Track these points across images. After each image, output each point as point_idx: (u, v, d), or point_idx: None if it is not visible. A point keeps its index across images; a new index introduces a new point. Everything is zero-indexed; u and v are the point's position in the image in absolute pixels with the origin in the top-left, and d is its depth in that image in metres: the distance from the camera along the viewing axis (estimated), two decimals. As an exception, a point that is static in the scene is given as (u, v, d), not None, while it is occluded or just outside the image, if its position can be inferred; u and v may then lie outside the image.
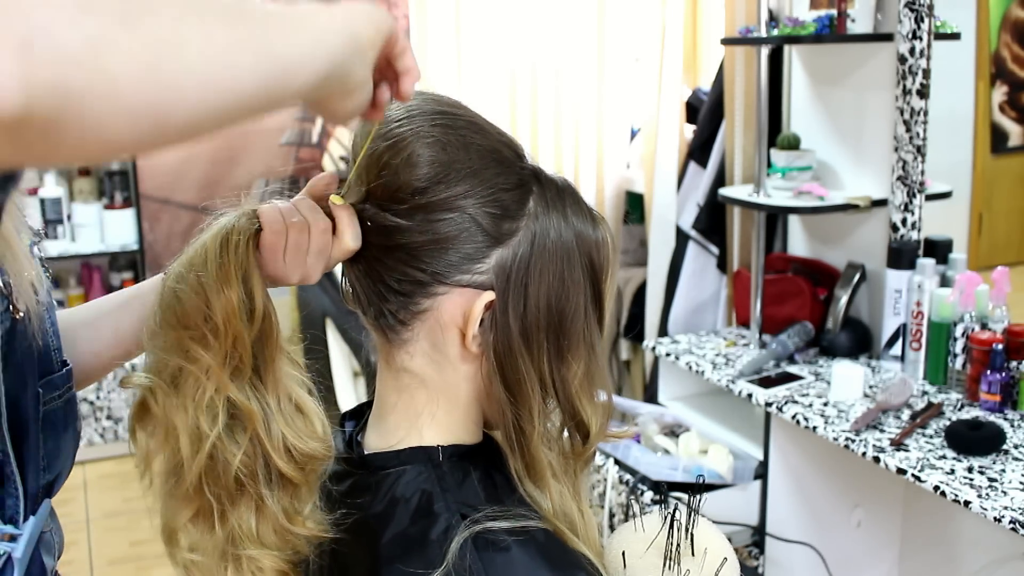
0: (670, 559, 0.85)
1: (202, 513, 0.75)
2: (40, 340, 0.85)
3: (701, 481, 2.06)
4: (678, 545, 0.86)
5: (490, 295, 0.78)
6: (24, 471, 0.84)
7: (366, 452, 0.85)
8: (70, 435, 0.91)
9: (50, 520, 0.92)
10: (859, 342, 2.32)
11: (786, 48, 2.52)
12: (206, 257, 0.74)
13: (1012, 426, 1.86)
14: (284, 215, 0.79)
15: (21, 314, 0.81)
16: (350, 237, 0.79)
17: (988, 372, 1.92)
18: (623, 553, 0.87)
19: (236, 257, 0.74)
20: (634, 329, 3.16)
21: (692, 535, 0.87)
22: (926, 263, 2.13)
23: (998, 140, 2.35)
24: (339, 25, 0.63)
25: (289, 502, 0.77)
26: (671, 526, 0.86)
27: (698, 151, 2.84)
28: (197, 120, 0.51)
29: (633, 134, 3.26)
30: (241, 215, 0.77)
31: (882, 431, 1.88)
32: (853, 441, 1.85)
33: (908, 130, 2.16)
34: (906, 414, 1.95)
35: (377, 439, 0.85)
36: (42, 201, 3.50)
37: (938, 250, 2.19)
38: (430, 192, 0.77)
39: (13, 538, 0.84)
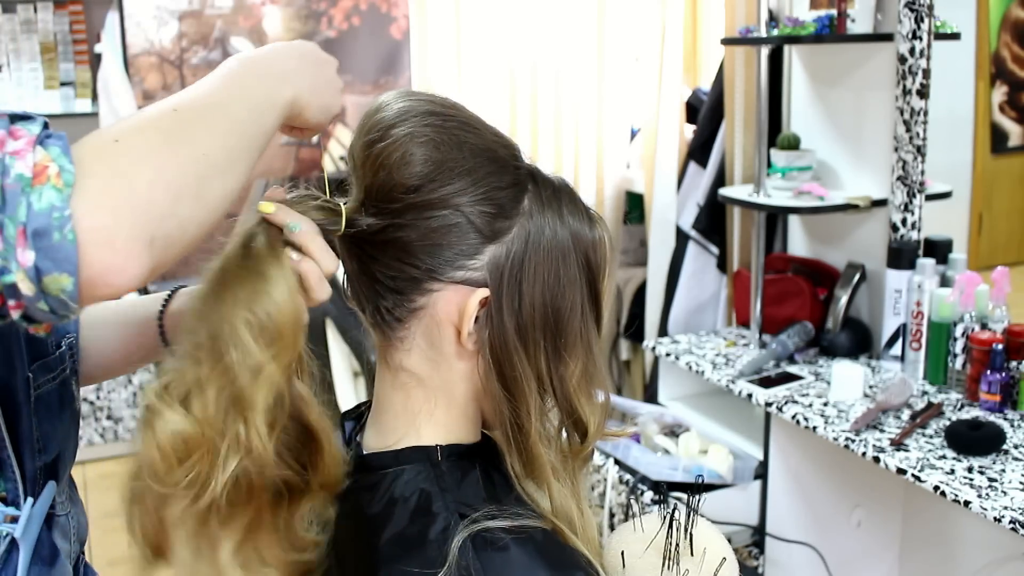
0: (669, 559, 0.86)
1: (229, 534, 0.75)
2: None
3: (700, 481, 2.06)
4: (677, 545, 0.86)
5: (484, 292, 0.79)
6: (20, 454, 0.85)
7: (364, 452, 0.85)
8: (67, 416, 0.92)
9: (68, 504, 0.93)
10: (859, 342, 2.32)
11: (786, 48, 2.53)
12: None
13: (1012, 426, 1.85)
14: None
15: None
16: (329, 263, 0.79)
17: (988, 372, 1.92)
18: (622, 553, 0.87)
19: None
20: (634, 329, 3.17)
21: (691, 535, 0.87)
22: (926, 263, 2.13)
23: (998, 140, 2.35)
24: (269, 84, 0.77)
25: (310, 513, 0.79)
26: (670, 526, 0.86)
27: (698, 151, 2.84)
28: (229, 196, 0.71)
29: (633, 134, 3.26)
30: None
31: (882, 431, 1.88)
32: (853, 441, 1.85)
33: (908, 130, 2.16)
34: (906, 414, 1.95)
35: (375, 439, 0.85)
36: (42, 201, 3.50)
37: (938, 250, 2.19)
38: (423, 190, 0.77)
39: (15, 519, 0.85)
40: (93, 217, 0.60)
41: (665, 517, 0.87)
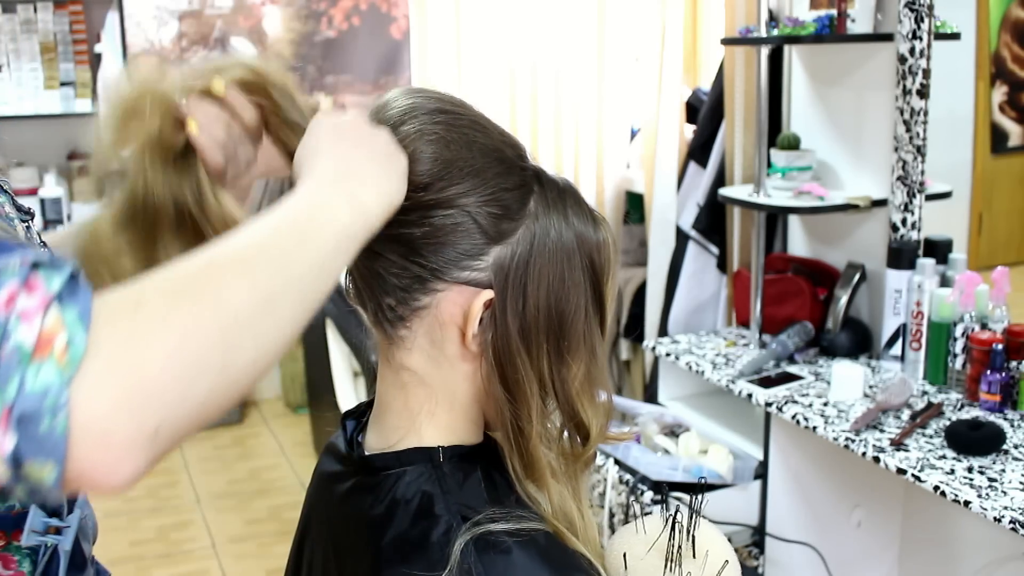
0: (671, 561, 0.85)
1: None
2: None
3: (703, 482, 2.06)
4: (679, 547, 0.85)
5: (489, 293, 0.78)
6: None
7: (366, 452, 0.85)
8: None
9: (86, 505, 0.94)
10: (859, 342, 2.32)
11: (786, 48, 2.52)
12: None
13: (1012, 426, 1.86)
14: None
15: None
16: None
17: (988, 372, 1.92)
18: (624, 555, 0.87)
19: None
20: (634, 329, 3.16)
21: (693, 537, 0.87)
22: (926, 263, 2.13)
23: (998, 140, 2.35)
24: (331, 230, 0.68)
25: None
26: (672, 528, 0.86)
27: (698, 151, 2.84)
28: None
29: (633, 134, 3.26)
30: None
31: (882, 431, 1.88)
32: (853, 441, 1.85)
33: (908, 130, 2.16)
34: (906, 414, 1.95)
35: (377, 439, 0.85)
36: (42, 201, 3.50)
37: (938, 250, 2.19)
38: (432, 189, 0.77)
39: (59, 531, 0.85)
40: (91, 407, 0.52)
41: (667, 519, 0.86)
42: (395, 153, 0.74)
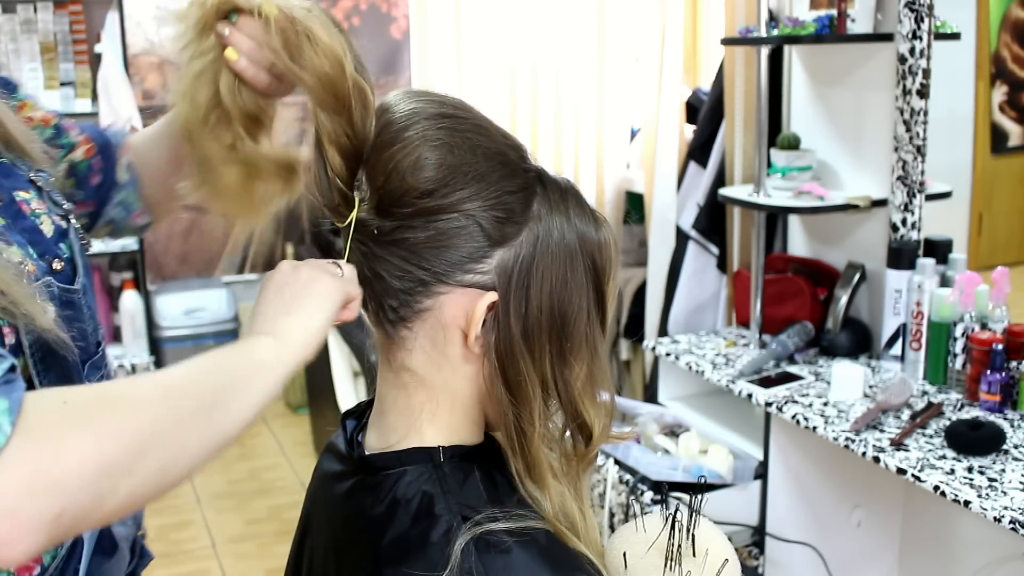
0: (671, 560, 0.85)
1: None
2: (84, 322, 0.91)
3: (703, 481, 2.06)
4: (679, 546, 0.85)
5: (493, 296, 0.78)
6: None
7: (367, 452, 0.85)
8: None
9: None
10: (859, 342, 2.32)
11: (786, 48, 2.53)
12: None
13: (1012, 426, 1.86)
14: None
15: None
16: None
17: (988, 372, 1.92)
18: (624, 554, 0.87)
19: None
20: (634, 329, 3.16)
21: (693, 536, 0.87)
22: (926, 263, 2.13)
23: (998, 140, 2.35)
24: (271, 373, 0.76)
25: None
26: (672, 527, 0.86)
27: (698, 151, 2.84)
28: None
29: (633, 134, 3.26)
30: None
31: (882, 431, 1.88)
32: (853, 441, 1.85)
33: (908, 130, 2.16)
34: (906, 414, 1.95)
35: (377, 439, 0.85)
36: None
37: (938, 250, 2.19)
38: (436, 194, 0.77)
39: None
40: (3, 487, 0.59)
41: (667, 518, 0.87)
42: (327, 293, 0.79)
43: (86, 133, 1.08)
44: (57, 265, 0.88)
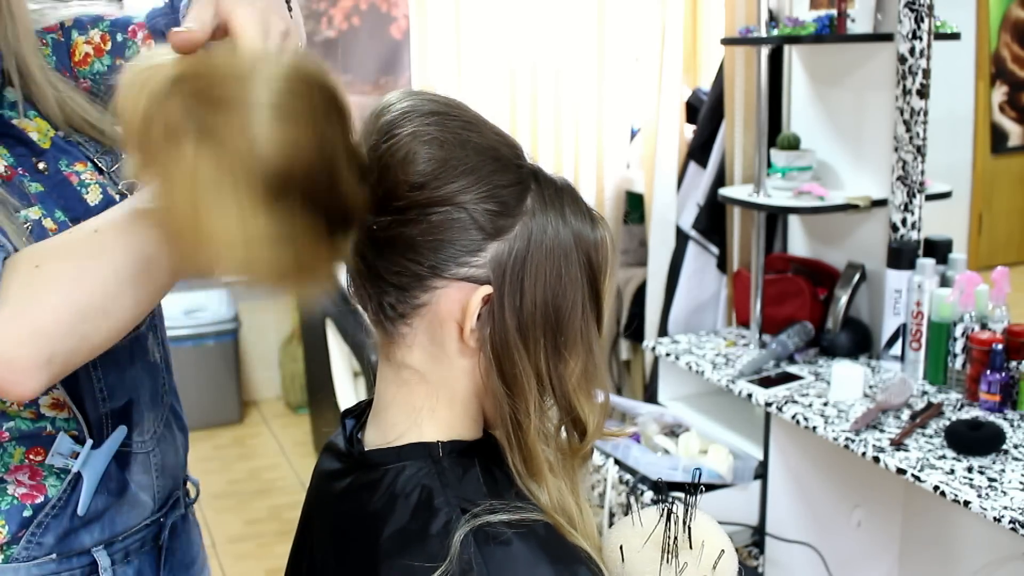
0: (668, 553, 0.86)
1: None
2: None
3: (698, 476, 2.07)
4: (675, 538, 0.86)
5: (487, 289, 0.79)
6: (81, 402, 0.98)
7: (366, 449, 0.85)
8: (138, 367, 1.05)
9: (152, 442, 1.07)
10: (859, 342, 2.32)
11: (786, 48, 2.53)
12: None
13: (1012, 426, 1.86)
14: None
15: None
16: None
17: (988, 372, 1.92)
18: (621, 547, 0.87)
19: None
20: (635, 329, 3.16)
21: (689, 528, 0.87)
22: (926, 263, 2.13)
23: (998, 140, 2.35)
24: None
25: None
26: (668, 520, 0.87)
27: (698, 151, 2.84)
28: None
29: (633, 134, 3.26)
30: None
31: (882, 431, 1.88)
32: (853, 441, 1.85)
33: (908, 130, 2.16)
34: (906, 414, 1.95)
35: (376, 435, 0.86)
36: (42, 201, 3.50)
37: (938, 250, 2.19)
38: (428, 188, 0.78)
39: (77, 455, 0.98)
40: (11, 345, 0.73)
41: (663, 511, 0.87)
42: None
43: (147, 28, 1.07)
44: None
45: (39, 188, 0.96)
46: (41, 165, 0.98)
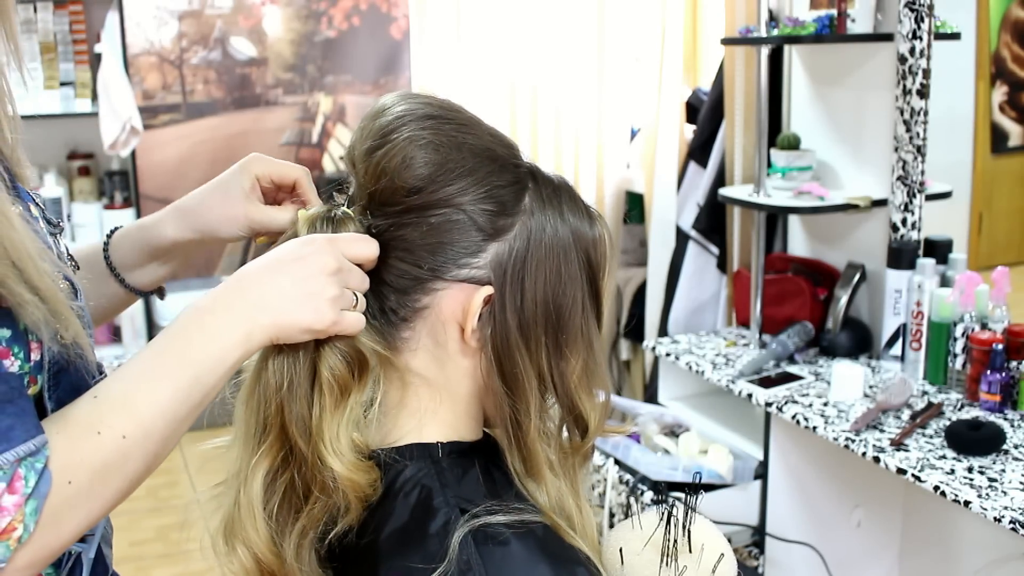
0: (667, 556, 0.86)
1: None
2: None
3: (698, 478, 2.06)
4: (675, 542, 0.86)
5: (488, 289, 0.79)
6: None
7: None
8: None
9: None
10: (859, 342, 2.31)
11: (786, 48, 2.53)
12: None
13: (1012, 426, 1.85)
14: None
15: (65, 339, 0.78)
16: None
17: (988, 372, 1.92)
18: (620, 550, 0.87)
19: None
20: (634, 329, 3.16)
21: (689, 532, 0.87)
22: (926, 263, 2.13)
23: (998, 140, 2.35)
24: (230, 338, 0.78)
25: None
26: (668, 523, 0.86)
27: (698, 151, 2.84)
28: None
29: (633, 134, 3.26)
30: None
31: (882, 431, 1.88)
32: (853, 441, 1.85)
33: (908, 130, 2.16)
34: (906, 414, 1.95)
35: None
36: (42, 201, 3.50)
37: (938, 250, 2.19)
38: (425, 191, 0.78)
39: (83, 539, 0.90)
40: (16, 564, 0.69)
41: (663, 514, 0.87)
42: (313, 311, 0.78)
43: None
44: (62, 284, 0.80)
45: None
46: None
